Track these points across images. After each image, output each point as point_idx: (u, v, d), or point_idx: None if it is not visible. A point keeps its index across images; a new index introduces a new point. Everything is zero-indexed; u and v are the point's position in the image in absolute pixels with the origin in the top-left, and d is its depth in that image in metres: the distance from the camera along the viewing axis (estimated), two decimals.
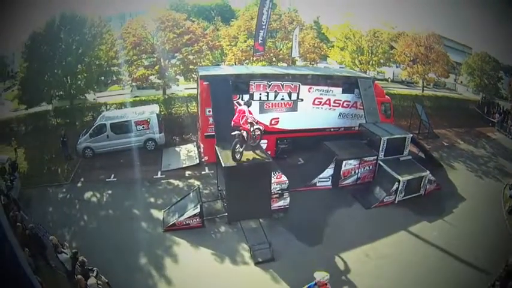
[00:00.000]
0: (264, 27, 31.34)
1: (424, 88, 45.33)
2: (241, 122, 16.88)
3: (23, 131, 31.29)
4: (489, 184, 25.02)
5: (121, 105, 32.93)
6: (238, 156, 17.06)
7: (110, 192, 22.96)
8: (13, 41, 35.10)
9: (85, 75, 32.31)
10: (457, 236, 18.82)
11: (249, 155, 17.68)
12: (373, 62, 41.65)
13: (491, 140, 34.03)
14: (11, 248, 5.18)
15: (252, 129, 17.35)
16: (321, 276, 12.72)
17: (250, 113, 17.16)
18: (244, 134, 17.01)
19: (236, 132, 16.82)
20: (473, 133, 35.31)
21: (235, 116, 17.10)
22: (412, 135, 24.74)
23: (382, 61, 42.26)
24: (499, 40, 43.39)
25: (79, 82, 32.30)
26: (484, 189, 24.23)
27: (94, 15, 32.72)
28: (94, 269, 13.80)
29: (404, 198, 21.74)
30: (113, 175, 24.68)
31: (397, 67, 49.50)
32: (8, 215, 16.13)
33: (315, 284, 12.84)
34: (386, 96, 29.41)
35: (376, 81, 29.19)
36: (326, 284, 12.75)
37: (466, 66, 44.42)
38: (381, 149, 22.78)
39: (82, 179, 24.40)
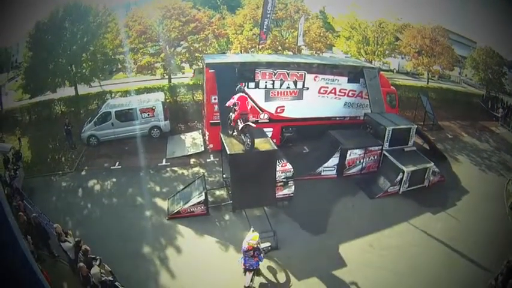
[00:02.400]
0: (268, 15, 31.22)
1: (429, 80, 45.18)
2: (248, 108, 16.69)
3: (27, 120, 31.38)
4: (492, 178, 24.93)
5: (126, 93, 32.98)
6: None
7: (114, 180, 23.02)
8: (17, 31, 35.03)
9: (90, 63, 32.30)
10: (459, 230, 18.84)
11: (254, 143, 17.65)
12: (379, 53, 41.46)
13: (495, 134, 33.89)
14: (14, 236, 5.19)
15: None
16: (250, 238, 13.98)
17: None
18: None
19: (246, 123, 16.49)
20: (477, 127, 35.16)
21: (239, 104, 16.49)
22: (417, 126, 24.59)
23: (387, 52, 42.17)
24: (503, 36, 43.19)
25: (84, 70, 32.26)
26: (487, 183, 24.15)
27: (99, 4, 32.67)
28: (97, 257, 13.69)
29: (408, 189, 21.71)
30: (117, 163, 24.78)
31: (402, 58, 49.38)
32: (11, 205, 16.15)
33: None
34: (391, 87, 29.29)
35: (382, 72, 29.10)
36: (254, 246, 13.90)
37: (471, 60, 44.19)
38: (385, 139, 22.72)
39: (86, 167, 24.47)
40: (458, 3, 50.45)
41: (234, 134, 17.30)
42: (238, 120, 16.55)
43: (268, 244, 15.86)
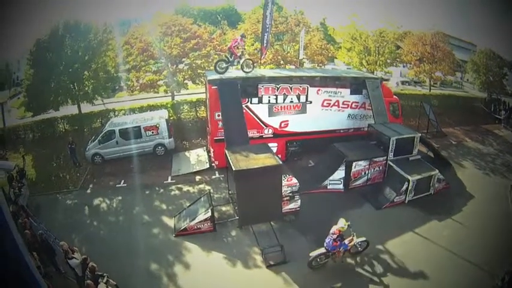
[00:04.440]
0: (267, 29, 31.32)
1: (431, 87, 45.20)
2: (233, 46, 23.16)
3: (31, 138, 31.58)
4: (497, 181, 24.94)
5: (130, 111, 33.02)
6: (220, 71, 23.52)
7: (120, 198, 23.00)
8: (18, 48, 35.28)
9: (92, 81, 32.38)
10: (466, 235, 18.78)
11: (259, 158, 17.69)
12: (380, 62, 41.45)
13: (498, 137, 34.06)
14: (20, 254, 5.23)
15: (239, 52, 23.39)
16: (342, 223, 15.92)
17: (241, 41, 23.28)
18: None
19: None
20: (480, 130, 35.38)
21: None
22: (420, 134, 24.62)
23: (389, 61, 42.20)
24: (502, 36, 43.46)
25: (86, 88, 32.33)
26: (492, 186, 24.17)
27: (99, 22, 32.86)
28: (104, 274, 13.72)
29: (414, 197, 21.66)
30: (122, 181, 24.79)
31: (403, 67, 49.49)
32: (17, 222, 16.26)
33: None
34: (394, 96, 29.30)
35: (384, 82, 29.19)
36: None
37: (472, 63, 44.38)
38: (390, 149, 22.67)
39: (91, 186, 24.51)
40: (456, 7, 50.87)
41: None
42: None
43: (363, 239, 16.94)
